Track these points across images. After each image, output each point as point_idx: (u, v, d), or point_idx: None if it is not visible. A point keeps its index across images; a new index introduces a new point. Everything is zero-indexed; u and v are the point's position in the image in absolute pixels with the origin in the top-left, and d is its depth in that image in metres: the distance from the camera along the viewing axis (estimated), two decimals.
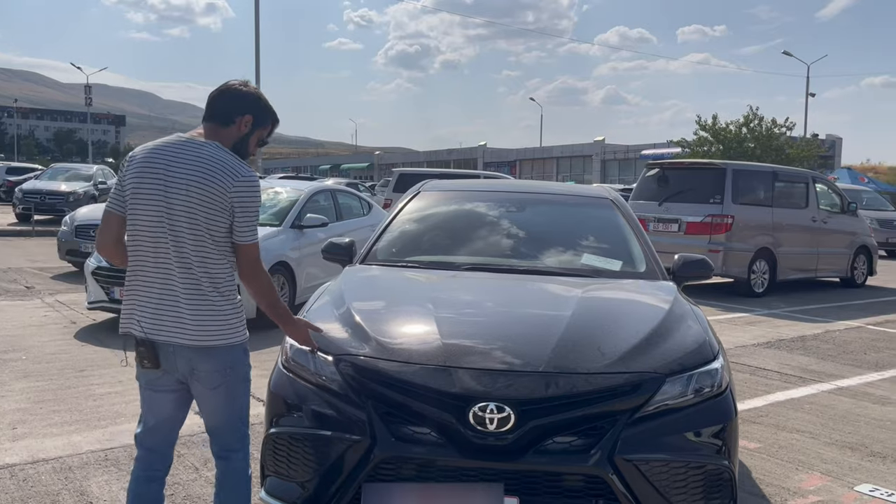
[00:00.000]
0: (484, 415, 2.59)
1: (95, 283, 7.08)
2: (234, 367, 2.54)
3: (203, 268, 2.46)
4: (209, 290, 2.47)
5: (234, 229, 2.49)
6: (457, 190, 5.13)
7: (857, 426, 4.92)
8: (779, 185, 11.53)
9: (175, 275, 2.45)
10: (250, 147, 2.63)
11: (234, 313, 2.53)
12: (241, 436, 2.67)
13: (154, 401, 2.59)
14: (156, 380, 2.55)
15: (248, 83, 2.65)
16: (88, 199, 19.21)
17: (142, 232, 2.48)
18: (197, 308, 2.45)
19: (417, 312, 3.16)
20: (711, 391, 2.84)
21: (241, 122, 2.56)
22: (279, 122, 2.76)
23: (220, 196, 2.43)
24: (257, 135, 2.63)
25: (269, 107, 2.64)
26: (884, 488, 3.88)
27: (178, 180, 2.43)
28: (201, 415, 2.63)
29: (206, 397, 2.55)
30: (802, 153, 30.04)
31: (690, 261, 4.07)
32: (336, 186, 10.32)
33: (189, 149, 2.49)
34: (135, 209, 2.48)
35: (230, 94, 2.58)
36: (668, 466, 2.64)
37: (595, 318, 3.13)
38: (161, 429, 2.62)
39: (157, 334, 2.47)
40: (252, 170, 2.54)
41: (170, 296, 2.46)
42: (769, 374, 6.27)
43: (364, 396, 2.74)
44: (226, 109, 2.56)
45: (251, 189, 2.48)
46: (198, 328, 2.45)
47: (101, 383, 5.33)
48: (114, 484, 3.60)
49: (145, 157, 2.50)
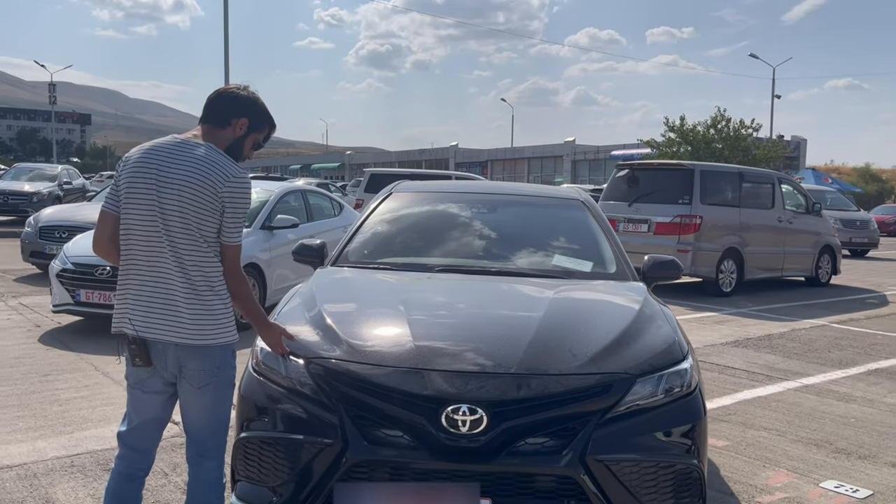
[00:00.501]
0: (456, 417, 2.59)
1: (60, 286, 6.95)
2: (222, 368, 2.54)
3: (197, 267, 2.47)
4: (203, 288, 2.48)
5: (222, 229, 2.51)
6: (429, 191, 5.12)
7: (822, 423, 5.01)
8: (746, 186, 11.71)
9: (169, 273, 2.46)
10: (245, 150, 2.65)
11: (225, 313, 2.54)
12: (219, 443, 2.65)
13: (141, 401, 2.57)
14: (145, 380, 2.54)
15: (248, 87, 2.68)
16: (53, 199, 18.84)
17: (134, 231, 2.49)
18: (190, 306, 2.46)
19: (389, 314, 3.15)
20: (681, 391, 2.87)
21: (237, 124, 2.59)
22: (276, 128, 2.77)
23: (211, 196, 2.45)
24: (252, 138, 2.65)
25: (265, 111, 2.67)
26: (848, 484, 3.95)
27: (171, 181, 2.45)
28: (183, 415, 2.60)
29: (191, 397, 2.54)
30: (768, 154, 30.55)
31: (660, 261, 4.12)
32: (307, 187, 10.25)
33: (183, 150, 2.50)
34: (128, 209, 2.50)
35: (227, 96, 2.62)
36: (639, 466, 2.66)
37: (566, 320, 3.15)
38: (146, 428, 2.61)
39: (148, 332, 2.47)
40: (243, 171, 2.54)
41: (162, 294, 2.47)
42: (737, 372, 6.36)
43: (335, 400, 2.72)
44: (222, 112, 2.59)
45: (242, 190, 2.51)
46: (190, 326, 2.46)
47: (66, 388, 5.23)
48: (80, 490, 3.53)
49: (140, 157, 2.52)
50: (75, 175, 22.43)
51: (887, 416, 5.25)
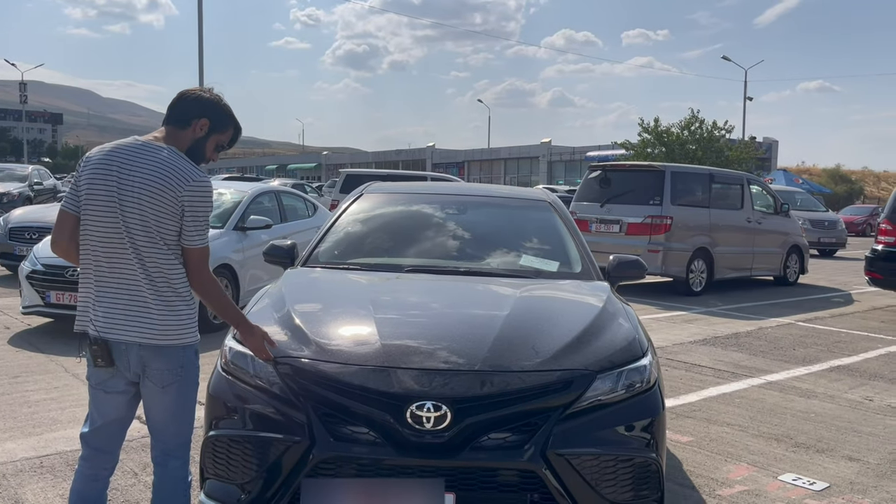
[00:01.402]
0: (421, 413, 2.65)
1: (30, 287, 6.90)
2: (185, 368, 2.56)
3: (157, 268, 2.49)
4: (165, 289, 2.50)
5: (182, 232, 2.52)
6: (400, 192, 5.18)
7: (784, 419, 5.15)
8: (715, 187, 11.90)
9: (130, 274, 2.47)
10: (207, 151, 2.66)
11: (189, 313, 2.56)
12: (183, 442, 2.67)
13: (103, 401, 2.58)
14: (107, 380, 2.55)
15: (211, 90, 2.69)
16: (23, 200, 18.59)
17: (94, 232, 2.50)
18: (153, 307, 2.48)
19: (357, 314, 3.20)
20: (640, 387, 2.96)
21: (197, 125, 2.60)
22: (241, 131, 2.78)
23: (171, 200, 2.46)
24: (214, 139, 2.65)
25: (227, 113, 2.67)
26: (806, 477, 4.08)
27: (132, 183, 2.46)
28: (147, 415, 2.62)
29: (155, 396, 2.55)
30: (741, 155, 31.00)
31: (624, 261, 4.21)
32: (281, 188, 10.25)
33: (144, 152, 2.51)
34: (87, 210, 2.50)
35: (188, 97, 2.63)
36: (599, 460, 2.74)
37: (530, 318, 3.22)
38: (109, 429, 2.62)
39: (109, 333, 2.48)
40: (205, 174, 2.56)
41: (124, 295, 2.48)
42: (703, 370, 6.49)
43: (303, 398, 2.77)
44: (182, 112, 2.61)
45: (202, 193, 2.51)
46: (152, 327, 2.48)
47: (36, 389, 5.21)
48: (49, 491, 3.55)
49: (100, 159, 2.53)
50: (46, 175, 22.14)
51: (847, 411, 5.40)
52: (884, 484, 4.03)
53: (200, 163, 2.63)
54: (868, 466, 4.29)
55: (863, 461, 4.37)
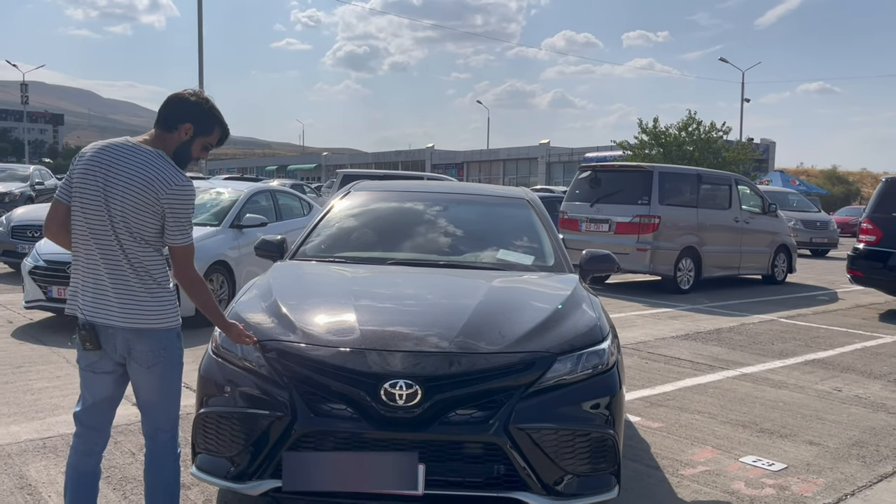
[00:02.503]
0: (394, 391, 2.89)
1: (33, 283, 7.14)
2: (167, 349, 2.76)
3: (139, 260, 2.69)
4: (145, 278, 2.70)
5: (165, 232, 2.71)
6: (385, 190, 5.43)
7: (753, 407, 5.39)
8: (704, 187, 12.14)
9: (115, 264, 2.67)
10: (193, 153, 2.81)
11: (169, 299, 2.76)
12: (172, 417, 2.87)
13: (93, 381, 2.79)
14: (95, 362, 2.76)
15: (200, 93, 2.82)
16: (25, 199, 18.82)
17: (83, 223, 2.70)
18: (135, 294, 2.68)
19: (339, 303, 3.45)
20: (600, 368, 3.19)
21: (182, 129, 2.76)
22: (229, 132, 2.89)
23: (152, 202, 2.65)
24: (200, 142, 2.80)
25: (212, 116, 2.80)
26: (766, 459, 4.32)
27: (116, 182, 2.66)
28: (136, 394, 2.84)
29: (141, 376, 2.76)
30: (738, 156, 31.20)
31: (596, 255, 4.45)
32: (277, 187, 10.49)
33: (131, 154, 2.70)
34: (76, 202, 2.70)
35: (174, 102, 2.78)
36: (558, 434, 2.98)
37: (499, 305, 3.47)
38: (99, 407, 2.82)
39: (96, 317, 2.69)
40: (186, 178, 2.74)
41: (109, 282, 2.68)
42: (682, 362, 6.73)
43: (286, 378, 3.01)
44: (169, 117, 2.76)
45: (183, 197, 2.68)
46: (135, 312, 2.68)
47: (38, 378, 5.46)
48: (52, 469, 3.79)
49: (91, 156, 2.72)
50: (48, 175, 22.36)
51: (814, 400, 5.64)
52: (839, 466, 4.27)
53: (187, 163, 2.81)
54: (827, 450, 4.53)
55: (822, 445, 4.61)
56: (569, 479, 3.00)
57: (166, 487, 2.84)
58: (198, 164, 46.26)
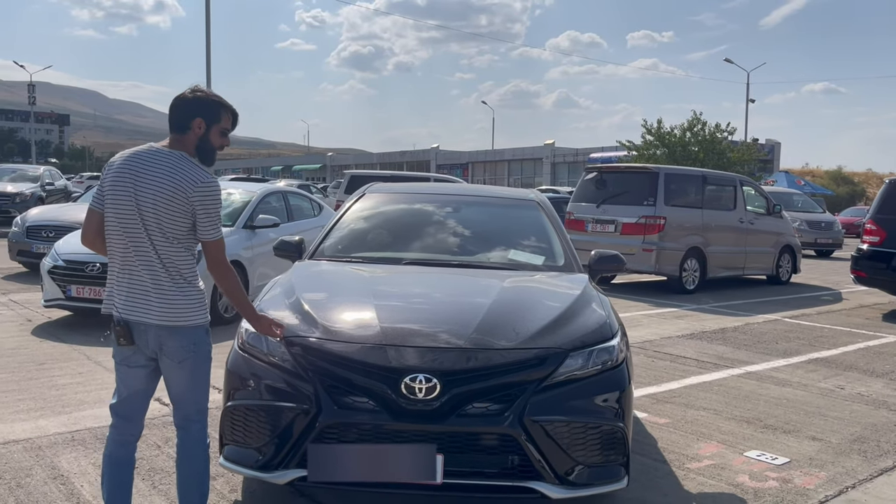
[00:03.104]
0: (414, 385, 3.03)
1: (52, 282, 7.31)
2: (197, 345, 2.91)
3: (170, 260, 2.84)
4: (176, 277, 2.85)
5: (197, 228, 2.86)
6: (399, 192, 5.58)
7: (757, 404, 5.52)
8: (708, 189, 12.26)
9: (148, 264, 2.83)
10: (213, 142, 2.91)
11: (198, 297, 2.91)
12: (201, 409, 3.03)
13: (127, 375, 2.95)
14: (129, 357, 2.92)
15: (196, 88, 2.94)
16: (35, 200, 19.03)
17: (116, 228, 2.87)
18: (167, 292, 2.84)
19: (359, 301, 3.59)
20: (609, 364, 3.33)
21: (195, 125, 2.87)
22: (236, 112, 2.99)
23: (181, 202, 2.80)
24: (215, 130, 2.90)
25: (215, 102, 2.91)
26: (770, 453, 4.45)
27: (147, 187, 2.81)
28: (167, 387, 2.99)
29: (173, 370, 2.92)
30: (743, 157, 31.27)
31: (605, 256, 4.58)
32: (288, 189, 10.65)
33: (157, 159, 2.86)
34: (110, 209, 2.87)
35: (178, 103, 2.90)
36: (570, 426, 3.12)
37: (513, 304, 3.61)
38: (133, 399, 2.98)
39: (130, 315, 2.85)
40: (211, 176, 2.89)
41: (142, 282, 2.84)
42: (687, 361, 6.86)
43: (311, 372, 3.16)
44: (179, 118, 2.88)
45: (210, 193, 2.82)
46: (166, 310, 2.83)
47: (62, 374, 5.62)
48: (82, 459, 3.94)
49: (121, 164, 2.89)
50: (57, 176, 22.60)
51: (817, 398, 5.76)
52: (841, 460, 4.40)
53: (212, 155, 2.92)
54: (829, 445, 4.66)
55: (825, 441, 4.74)
56: (580, 469, 3.14)
57: (198, 475, 2.99)
58: None
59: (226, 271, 2.94)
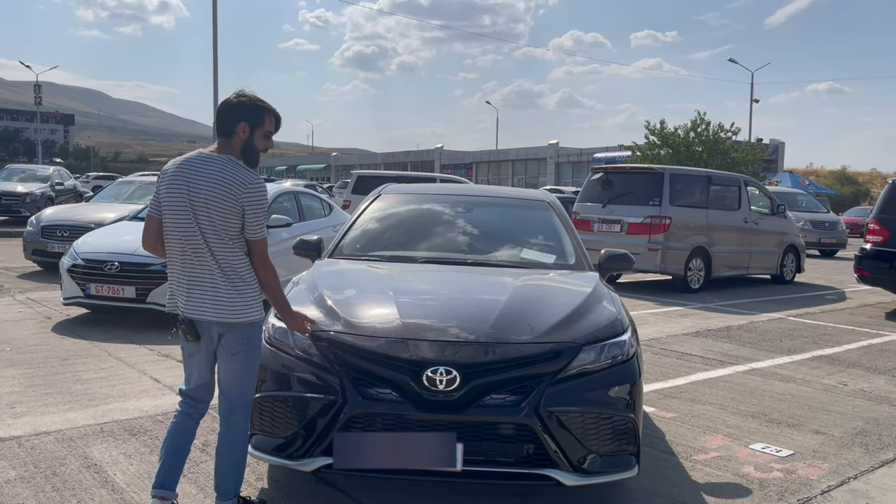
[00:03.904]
0: (435, 377, 3.18)
1: (71, 280, 7.47)
2: (251, 340, 3.11)
3: (226, 259, 3.03)
4: (233, 276, 3.04)
5: (245, 227, 3.05)
6: (414, 193, 5.73)
7: (762, 399, 5.66)
8: (713, 189, 12.40)
9: (205, 264, 3.02)
10: (258, 146, 3.09)
11: (253, 295, 3.09)
12: (245, 401, 3.20)
13: (197, 365, 3.17)
14: (196, 351, 3.14)
15: (241, 92, 3.09)
16: (45, 200, 19.25)
17: (174, 232, 3.06)
18: (222, 291, 3.02)
19: (380, 298, 3.75)
20: (621, 358, 3.48)
21: (239, 129, 3.05)
22: (279, 115, 3.14)
23: (232, 203, 2.99)
24: (259, 133, 3.08)
25: (259, 107, 3.08)
26: (774, 446, 4.59)
27: (199, 191, 2.99)
28: (218, 376, 3.17)
29: (226, 362, 3.11)
30: (747, 157, 31.35)
31: (614, 255, 4.73)
32: (299, 189, 10.81)
33: (207, 164, 3.03)
34: (167, 214, 3.07)
35: (223, 108, 3.08)
36: (584, 417, 3.27)
37: (527, 301, 3.76)
38: (200, 385, 3.20)
39: (193, 313, 3.05)
40: (258, 177, 3.04)
41: (201, 281, 3.03)
42: (693, 358, 7.00)
43: (337, 365, 3.31)
44: (224, 123, 3.06)
45: (258, 194, 3.03)
46: (225, 307, 3.03)
47: (85, 370, 5.78)
48: (113, 450, 4.11)
49: (174, 171, 3.07)
50: (67, 176, 22.82)
51: (820, 393, 5.91)
52: (843, 453, 4.55)
53: (257, 157, 3.10)
54: (832, 439, 4.81)
55: (828, 434, 4.89)
56: (593, 457, 3.29)
57: (236, 465, 3.17)
58: None
59: (269, 268, 3.12)
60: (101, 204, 12.64)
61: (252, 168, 3.12)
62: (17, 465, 3.85)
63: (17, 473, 3.75)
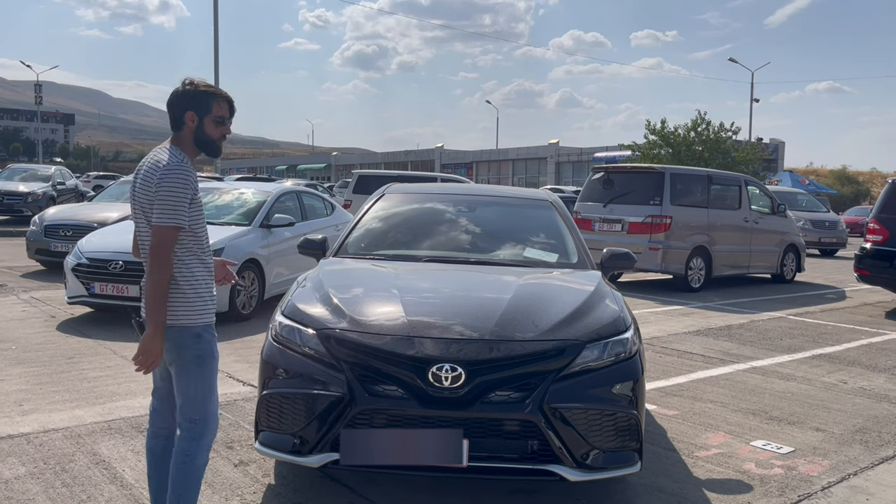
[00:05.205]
0: (440, 373, 3.23)
1: (76, 279, 7.52)
2: (182, 348, 2.79)
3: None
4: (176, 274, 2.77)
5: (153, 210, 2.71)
6: (417, 192, 5.78)
7: (762, 397, 5.71)
8: (714, 188, 12.44)
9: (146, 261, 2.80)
10: (210, 134, 2.82)
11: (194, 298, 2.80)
12: (188, 418, 2.83)
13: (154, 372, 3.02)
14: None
15: (187, 80, 2.83)
16: (47, 199, 19.29)
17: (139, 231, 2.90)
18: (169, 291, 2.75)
19: (385, 296, 3.79)
20: (623, 356, 3.53)
21: (188, 119, 2.80)
22: (231, 98, 2.88)
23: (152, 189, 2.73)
24: (208, 121, 2.81)
25: (203, 92, 2.80)
26: (775, 443, 4.64)
27: (139, 186, 2.81)
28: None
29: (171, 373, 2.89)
30: (747, 157, 31.39)
31: (616, 254, 4.78)
32: (302, 189, 10.87)
33: (150, 157, 2.85)
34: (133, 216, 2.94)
35: (170, 100, 2.83)
36: (587, 413, 3.31)
37: (531, 299, 3.80)
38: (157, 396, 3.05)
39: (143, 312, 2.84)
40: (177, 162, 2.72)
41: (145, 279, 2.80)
42: (694, 356, 7.05)
43: (343, 362, 3.35)
44: (173, 116, 2.82)
45: (171, 176, 2.69)
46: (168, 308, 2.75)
47: (91, 368, 5.82)
48: (121, 446, 4.15)
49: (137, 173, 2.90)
50: (68, 176, 22.86)
51: (820, 391, 5.95)
52: (843, 449, 4.59)
53: (214, 148, 2.86)
54: (832, 436, 4.85)
55: (828, 431, 4.93)
56: (596, 453, 3.33)
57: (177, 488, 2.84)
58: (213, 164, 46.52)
59: (160, 264, 2.69)
60: (103, 203, 12.68)
61: (214, 158, 2.97)
62: (26, 462, 3.90)
63: (27, 469, 3.79)
